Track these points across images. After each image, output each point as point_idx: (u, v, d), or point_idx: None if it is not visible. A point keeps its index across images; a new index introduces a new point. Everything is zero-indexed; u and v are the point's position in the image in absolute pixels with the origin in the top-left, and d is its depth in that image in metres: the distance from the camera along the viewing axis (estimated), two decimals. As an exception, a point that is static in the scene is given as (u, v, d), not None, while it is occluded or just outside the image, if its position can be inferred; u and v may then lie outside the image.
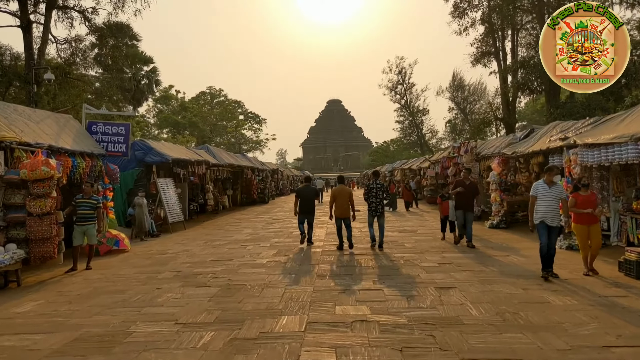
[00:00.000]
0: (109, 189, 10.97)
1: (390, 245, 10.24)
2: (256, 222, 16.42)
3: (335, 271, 7.58)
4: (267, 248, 10.33)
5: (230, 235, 13.00)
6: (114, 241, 10.49)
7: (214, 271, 7.89)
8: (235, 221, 17.24)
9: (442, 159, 19.26)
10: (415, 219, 15.98)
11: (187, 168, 16.33)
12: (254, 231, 13.74)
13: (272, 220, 16.95)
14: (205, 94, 62.12)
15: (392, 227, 13.67)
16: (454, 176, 17.72)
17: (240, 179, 25.64)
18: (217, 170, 20.85)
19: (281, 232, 13.34)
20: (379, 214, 9.60)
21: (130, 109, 35.99)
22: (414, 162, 28.43)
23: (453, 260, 8.24)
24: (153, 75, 37.88)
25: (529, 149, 11.85)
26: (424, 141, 65.49)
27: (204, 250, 10.29)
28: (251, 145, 65.50)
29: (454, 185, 9.82)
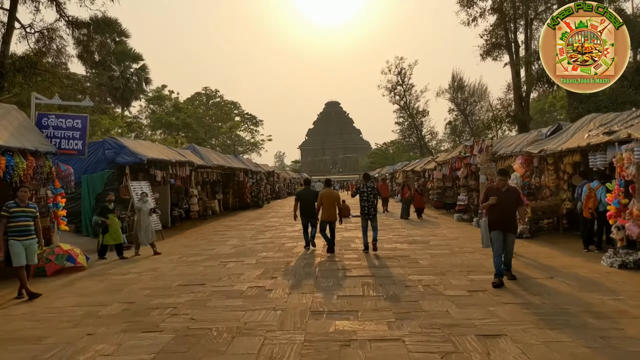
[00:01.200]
0: (61, 194, 9.04)
1: (402, 262, 8.33)
2: (245, 231, 14.48)
3: (335, 304, 5.66)
4: (252, 266, 8.40)
5: (212, 247, 11.07)
6: (65, 258, 8.55)
7: (176, 303, 5.96)
8: (223, 229, 15.30)
9: (451, 160, 17.38)
10: (424, 227, 14.07)
11: (167, 170, 14.41)
12: (240, 242, 11.81)
13: (264, 228, 15.02)
14: (200, 95, 60.21)
15: (399, 237, 11.75)
16: (465, 178, 15.85)
17: (231, 182, 23.72)
18: (204, 172, 18.93)
19: (271, 243, 11.41)
20: (371, 217, 9.38)
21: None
22: (417, 163, 26.55)
23: (486, 286, 6.33)
24: (143, 73, 36.00)
25: (561, 146, 9.98)
26: (424, 143, 63.76)
27: (175, 270, 8.35)
28: (247, 147, 63.64)
29: (485, 196, 6.80)
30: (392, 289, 6.31)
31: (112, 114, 34.22)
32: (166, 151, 15.31)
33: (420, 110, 63.90)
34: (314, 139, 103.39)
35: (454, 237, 11.58)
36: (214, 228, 15.68)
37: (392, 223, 15.48)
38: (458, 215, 15.79)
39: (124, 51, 35.12)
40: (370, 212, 9.34)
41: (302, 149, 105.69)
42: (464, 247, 9.87)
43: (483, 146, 13.90)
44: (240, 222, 17.53)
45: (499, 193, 6.58)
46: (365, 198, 9.38)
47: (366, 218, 9.39)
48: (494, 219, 6.57)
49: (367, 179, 10.04)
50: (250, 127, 62.65)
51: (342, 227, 13.96)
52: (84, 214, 12.69)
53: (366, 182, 9.69)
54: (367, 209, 9.36)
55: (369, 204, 9.36)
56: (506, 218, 6.53)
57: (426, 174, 23.04)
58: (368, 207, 9.36)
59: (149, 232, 10.22)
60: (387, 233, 12.68)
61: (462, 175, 15.76)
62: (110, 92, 34.80)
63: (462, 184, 15.70)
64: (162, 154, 14.25)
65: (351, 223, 15.70)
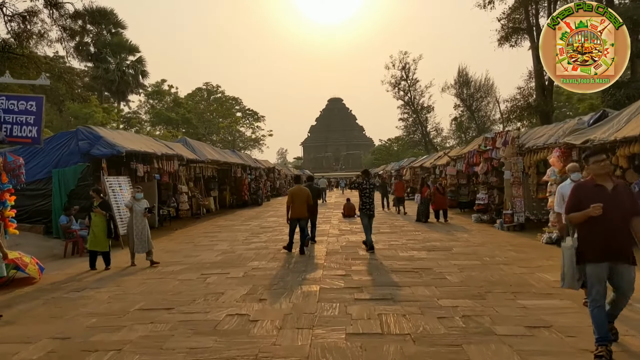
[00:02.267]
0: (9, 190, 7.35)
1: (425, 277, 6.60)
2: (239, 232, 12.78)
3: (344, 351, 3.94)
4: (237, 282, 6.69)
5: (196, 253, 9.38)
6: (11, 267, 6.89)
7: (124, 341, 4.27)
8: (214, 230, 13.60)
9: (468, 154, 15.60)
10: (441, 230, 12.33)
11: (151, 164, 12.72)
12: (230, 247, 10.10)
13: (260, 230, 13.32)
14: (201, 90, 58.57)
15: (415, 242, 10.01)
16: (484, 174, 14.07)
17: (228, 179, 22.03)
18: (197, 167, 17.24)
19: (265, 249, 9.70)
20: (371, 214, 8.99)
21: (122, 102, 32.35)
22: (425, 159, 24.78)
23: (547, 316, 4.60)
24: (139, 65, 34.33)
25: (614, 135, 8.21)
26: (429, 139, 61.96)
27: (143, 285, 6.66)
28: (249, 143, 61.96)
29: (575, 199, 3.77)
30: (420, 323, 4.58)
31: (109, 107, 32.55)
32: (151, 143, 13.61)
33: (425, 106, 62.20)
34: (317, 135, 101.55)
35: (479, 242, 9.83)
36: (205, 229, 13.99)
37: (404, 224, 13.74)
38: (476, 215, 14.04)
39: (120, 43, 33.47)
40: (372, 209, 9.00)
41: (304, 146, 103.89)
42: (496, 257, 8.13)
43: (508, 138, 12.12)
44: (235, 222, 15.84)
45: (603, 194, 3.60)
46: (367, 194, 8.97)
47: (368, 215, 8.94)
48: (593, 242, 3.63)
49: (367, 175, 9.56)
50: (251, 123, 61.02)
51: (348, 230, 12.24)
52: (55, 213, 11.03)
53: (367, 179, 9.29)
54: (369, 205, 8.94)
55: (371, 200, 8.98)
56: (616, 238, 3.58)
57: (437, 170, 21.28)
58: (370, 204, 8.95)
59: (145, 238, 8.20)
60: (399, 237, 10.96)
61: (481, 171, 14.00)
62: (106, 85, 33.19)
63: (482, 181, 13.94)
64: (145, 146, 12.55)
65: (357, 224, 13.98)
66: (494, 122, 58.12)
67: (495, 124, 57.84)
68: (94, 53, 33.92)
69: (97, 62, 33.21)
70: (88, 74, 36.49)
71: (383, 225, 13.68)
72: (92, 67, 33.79)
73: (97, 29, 34.23)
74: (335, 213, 18.21)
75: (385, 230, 12.28)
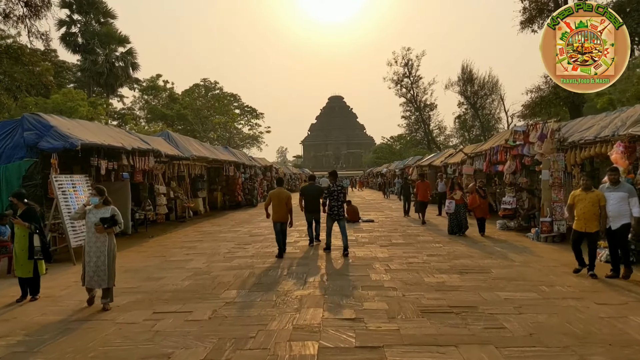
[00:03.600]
0: None
1: (471, 323, 4.42)
2: (223, 242, 10.63)
3: None
4: (199, 330, 4.51)
5: (160, 274, 7.23)
6: None
7: None
8: (195, 238, 11.46)
9: (490, 151, 13.45)
10: (466, 241, 10.19)
11: (119, 160, 10.58)
12: (206, 264, 7.95)
13: (249, 238, 11.17)
14: (199, 87, 56.40)
15: (440, 260, 7.80)
16: (512, 174, 11.93)
17: (219, 177, 19.89)
18: (182, 165, 15.10)
19: (250, 267, 7.55)
20: (339, 218, 8.67)
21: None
22: (434, 157, 22.62)
23: None
24: (129, 57, 32.08)
25: None
26: (432, 138, 59.87)
27: (54, 336, 4.52)
28: (247, 141, 59.80)
29: None
30: None
31: (97, 100, 30.27)
32: (121, 136, 11.42)
33: (428, 104, 60.15)
34: (317, 134, 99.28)
35: (520, 261, 7.66)
36: (185, 236, 11.84)
37: (418, 233, 11.58)
38: (502, 222, 11.90)
39: (109, 33, 31.26)
40: (340, 212, 8.68)
41: (304, 144, 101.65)
42: (554, 284, 5.98)
43: (546, 131, 9.97)
44: (223, 228, 13.69)
45: None
46: (335, 197, 8.67)
47: (333, 219, 8.66)
48: None
49: (335, 178, 9.10)
50: (250, 121, 58.84)
51: (353, 241, 10.09)
52: (-5, 220, 8.88)
53: (335, 182, 8.88)
54: (336, 209, 8.65)
55: (339, 203, 8.69)
56: None
57: (448, 169, 19.12)
58: (338, 207, 8.66)
59: (101, 266, 5.36)
60: (417, 251, 8.81)
61: (508, 170, 11.84)
62: (94, 77, 30.98)
63: (509, 182, 11.78)
64: (111, 139, 10.39)
65: (363, 232, 11.83)
66: (498, 121, 56.20)
67: (500, 122, 55.96)
68: (81, 44, 31.73)
69: (85, 54, 31.03)
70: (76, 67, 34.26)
71: (394, 233, 11.53)
72: (81, 59, 31.60)
73: (85, 18, 32.05)
74: (336, 217, 16.08)
75: (398, 241, 10.12)
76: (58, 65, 43.66)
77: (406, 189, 16.36)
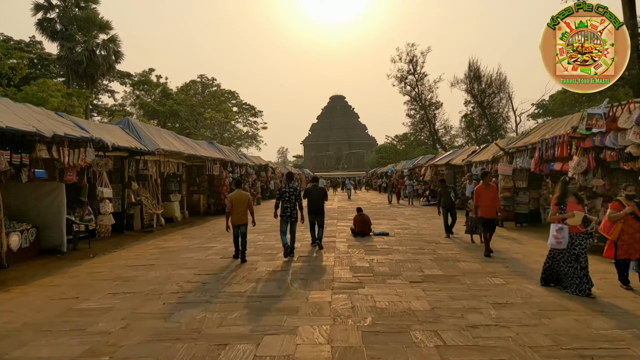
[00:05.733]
0: None
1: None
2: (180, 269, 7.30)
3: None
4: None
5: (39, 339, 3.94)
6: None
7: None
8: (148, 260, 8.14)
9: (544, 143, 10.13)
10: (520, 268, 6.88)
11: (33, 151, 7.30)
12: (121, 330, 4.64)
13: (220, 261, 7.85)
14: (195, 83, 53.23)
15: (533, 332, 4.51)
16: (583, 174, 8.62)
17: (201, 177, 16.62)
18: (147, 161, 11.83)
19: (196, 333, 4.28)
20: (293, 220, 8.19)
21: None
22: (452, 154, 19.29)
23: None
24: (112, 45, 28.77)
25: None
26: (437, 137, 56.64)
27: None
28: (246, 140, 56.58)
29: None
30: None
31: (76, 91, 26.91)
32: (40, 118, 8.06)
33: (434, 102, 56.97)
34: (318, 134, 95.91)
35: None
36: (137, 256, 8.55)
37: (456, 255, 8.26)
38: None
39: (89, 18, 27.96)
40: (293, 214, 8.17)
41: (305, 144, 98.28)
42: None
43: (650, 111, 6.67)
44: (194, 242, 10.39)
45: None
46: (287, 199, 8.18)
47: (287, 221, 8.16)
48: None
49: (290, 179, 8.65)
50: (248, 119, 55.56)
51: (367, 268, 6.76)
52: None
53: (289, 182, 8.45)
54: (289, 210, 8.15)
55: (291, 205, 8.17)
56: None
57: (473, 169, 15.81)
58: (290, 209, 8.16)
59: None
60: (472, 295, 5.46)
61: (576, 169, 8.52)
62: (71, 67, 27.69)
63: (581, 184, 8.44)
64: (17, 120, 7.08)
65: (378, 252, 8.49)
66: (506, 120, 52.96)
67: (508, 121, 52.70)
68: (60, 30, 28.47)
69: (63, 41, 27.77)
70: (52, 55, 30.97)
71: (422, 255, 8.17)
72: (59, 46, 28.35)
73: (64, 3, 28.79)
74: (340, 227, 12.78)
75: (433, 270, 6.78)
76: (43, 58, 40.71)
77: (446, 196, 10.47)
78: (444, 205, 10.53)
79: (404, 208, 19.90)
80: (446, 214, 10.49)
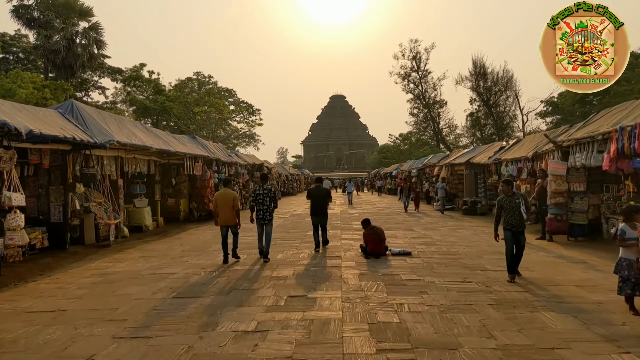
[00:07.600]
0: None
1: None
2: (96, 329, 4.58)
3: None
4: None
5: None
6: None
7: None
8: (63, 301, 5.35)
9: (621, 133, 7.40)
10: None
11: None
12: None
13: (176, 303, 5.13)
14: (191, 80, 50.53)
15: None
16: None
17: (179, 178, 13.90)
18: (101, 157, 9.11)
19: None
20: (267, 222, 7.86)
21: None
22: (474, 150, 16.53)
23: None
24: (93, 34, 26.04)
25: None
26: (441, 137, 54.01)
27: None
28: (242, 139, 53.92)
29: None
30: None
31: (52, 84, 24.13)
32: None
33: (438, 100, 54.35)
34: (318, 134, 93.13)
35: None
36: (59, 290, 5.81)
37: (526, 298, 5.52)
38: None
39: (68, 4, 25.23)
40: (266, 216, 7.86)
41: (304, 145, 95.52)
42: None
43: None
44: (149, 265, 7.61)
45: None
46: (260, 201, 7.84)
47: (261, 224, 7.87)
48: None
49: (264, 181, 8.35)
50: (246, 118, 52.82)
51: (391, 322, 3.97)
52: None
53: (263, 184, 8.09)
54: (262, 213, 7.85)
55: (265, 207, 7.82)
56: None
57: (503, 168, 13.07)
58: (264, 212, 7.85)
59: None
60: None
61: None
62: (48, 56, 24.98)
63: None
64: None
65: (403, 289, 5.67)
66: (513, 119, 50.36)
67: (515, 120, 50.09)
68: (37, 18, 25.77)
69: (40, 28, 25.07)
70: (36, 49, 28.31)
71: (473, 294, 5.37)
72: (35, 34, 25.68)
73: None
74: (345, 241, 10.05)
75: (505, 338, 4.07)
76: (27, 51, 37.98)
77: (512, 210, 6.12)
78: (508, 224, 6.10)
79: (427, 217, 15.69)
80: (511, 240, 6.05)
